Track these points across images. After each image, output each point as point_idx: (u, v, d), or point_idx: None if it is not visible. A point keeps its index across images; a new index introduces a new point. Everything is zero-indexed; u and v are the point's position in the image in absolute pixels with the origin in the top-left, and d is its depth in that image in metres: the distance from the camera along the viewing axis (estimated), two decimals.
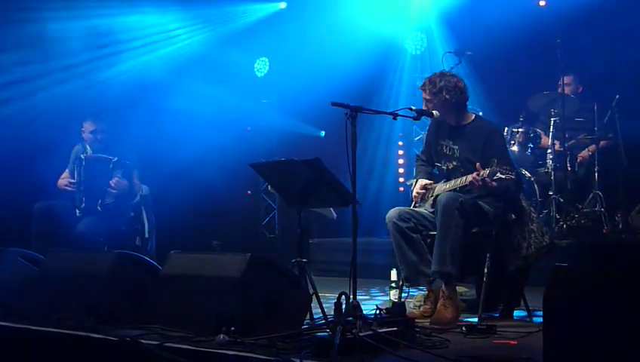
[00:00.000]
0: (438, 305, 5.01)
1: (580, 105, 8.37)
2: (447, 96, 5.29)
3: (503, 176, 4.85)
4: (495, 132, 5.41)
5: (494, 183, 4.91)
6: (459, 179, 5.20)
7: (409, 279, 5.30)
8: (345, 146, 4.37)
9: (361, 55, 9.82)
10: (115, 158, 6.92)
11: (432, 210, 5.26)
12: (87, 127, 7.17)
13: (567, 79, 8.34)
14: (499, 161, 4.95)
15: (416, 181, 5.62)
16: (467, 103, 5.49)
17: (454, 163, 5.39)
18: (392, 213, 5.29)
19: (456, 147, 5.40)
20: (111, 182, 6.84)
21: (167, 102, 9.70)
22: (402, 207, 5.40)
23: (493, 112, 8.49)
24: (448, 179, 5.37)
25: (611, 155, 8.26)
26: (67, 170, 7.23)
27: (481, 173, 4.94)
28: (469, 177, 5.03)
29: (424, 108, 5.37)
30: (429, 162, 5.70)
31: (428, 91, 5.36)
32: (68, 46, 9.07)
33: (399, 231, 5.23)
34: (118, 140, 7.24)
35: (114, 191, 6.86)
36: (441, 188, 5.36)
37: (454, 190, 5.20)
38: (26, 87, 8.71)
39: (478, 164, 5.00)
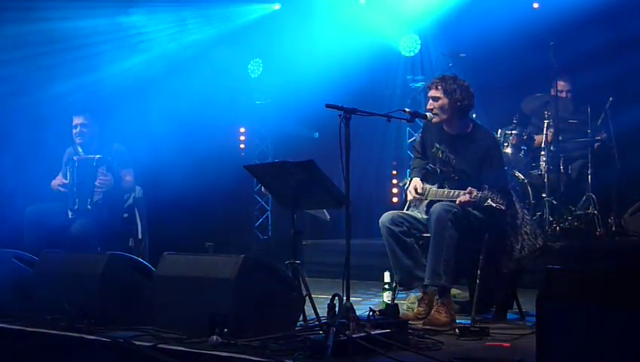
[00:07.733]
0: (432, 310, 5.00)
1: (573, 108, 8.38)
2: (459, 97, 5.23)
3: (494, 205, 4.86)
4: (494, 147, 5.37)
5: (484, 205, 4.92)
6: (452, 191, 5.16)
7: (403, 283, 5.29)
8: (339, 148, 4.38)
9: (355, 57, 9.81)
10: (98, 156, 6.90)
11: (426, 216, 5.24)
12: (74, 121, 7.13)
13: (560, 85, 8.33)
14: (495, 180, 4.98)
15: (411, 179, 5.54)
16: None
17: (449, 170, 5.35)
18: (385, 217, 5.27)
19: (452, 156, 5.35)
20: (96, 182, 6.81)
21: (159, 102, 9.67)
22: (395, 211, 5.37)
23: (487, 114, 8.48)
24: (442, 185, 5.34)
25: (605, 158, 8.26)
26: (61, 173, 7.21)
27: (473, 195, 4.93)
28: (460, 197, 5.01)
29: (428, 107, 5.31)
30: (424, 155, 5.63)
31: (440, 88, 5.26)
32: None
33: (393, 235, 5.21)
34: (108, 138, 7.20)
35: (100, 189, 6.84)
36: (435, 193, 5.31)
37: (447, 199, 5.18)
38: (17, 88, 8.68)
39: (470, 188, 4.97)
